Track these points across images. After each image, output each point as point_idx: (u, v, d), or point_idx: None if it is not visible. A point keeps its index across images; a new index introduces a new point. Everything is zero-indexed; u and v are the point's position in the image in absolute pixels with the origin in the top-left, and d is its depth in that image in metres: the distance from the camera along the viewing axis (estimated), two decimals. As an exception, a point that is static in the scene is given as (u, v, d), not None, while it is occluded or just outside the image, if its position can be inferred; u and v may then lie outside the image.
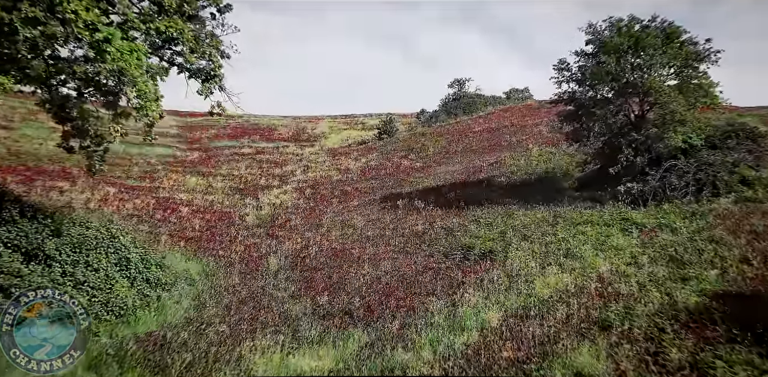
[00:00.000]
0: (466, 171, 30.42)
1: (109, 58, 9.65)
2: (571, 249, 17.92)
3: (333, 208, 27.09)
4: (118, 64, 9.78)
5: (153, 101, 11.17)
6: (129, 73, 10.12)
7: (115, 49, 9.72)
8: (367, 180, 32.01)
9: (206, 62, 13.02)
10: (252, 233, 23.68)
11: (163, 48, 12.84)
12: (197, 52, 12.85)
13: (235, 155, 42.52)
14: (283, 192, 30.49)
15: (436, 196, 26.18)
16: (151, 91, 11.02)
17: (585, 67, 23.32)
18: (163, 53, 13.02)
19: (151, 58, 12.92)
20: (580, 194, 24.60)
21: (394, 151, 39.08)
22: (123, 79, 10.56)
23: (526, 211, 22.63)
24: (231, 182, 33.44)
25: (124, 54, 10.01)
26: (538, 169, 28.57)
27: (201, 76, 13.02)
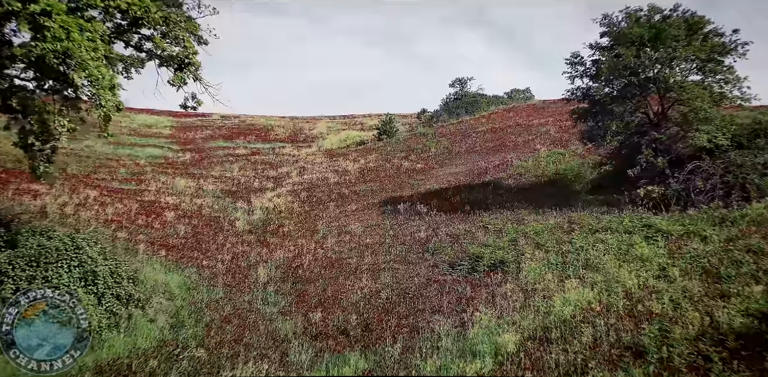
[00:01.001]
0: (471, 173, 28.60)
1: (49, 36, 7.84)
2: (590, 260, 16.10)
3: (329, 212, 25.26)
4: (62, 44, 7.97)
5: (107, 88, 9.34)
6: (76, 56, 8.30)
7: (59, 25, 7.91)
8: (365, 182, 30.18)
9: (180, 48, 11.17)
10: (241, 240, 21.84)
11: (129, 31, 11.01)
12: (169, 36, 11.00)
13: (229, 156, 40.70)
14: (277, 195, 28.65)
15: (439, 199, 24.35)
16: (105, 78, 9.20)
17: (600, 61, 21.51)
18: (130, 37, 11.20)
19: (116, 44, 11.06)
20: (594, 198, 22.79)
21: (394, 152, 37.27)
22: (69, 62, 8.74)
23: (537, 216, 20.83)
24: (223, 185, 31.60)
25: (72, 32, 8.19)
26: (547, 171, 26.74)
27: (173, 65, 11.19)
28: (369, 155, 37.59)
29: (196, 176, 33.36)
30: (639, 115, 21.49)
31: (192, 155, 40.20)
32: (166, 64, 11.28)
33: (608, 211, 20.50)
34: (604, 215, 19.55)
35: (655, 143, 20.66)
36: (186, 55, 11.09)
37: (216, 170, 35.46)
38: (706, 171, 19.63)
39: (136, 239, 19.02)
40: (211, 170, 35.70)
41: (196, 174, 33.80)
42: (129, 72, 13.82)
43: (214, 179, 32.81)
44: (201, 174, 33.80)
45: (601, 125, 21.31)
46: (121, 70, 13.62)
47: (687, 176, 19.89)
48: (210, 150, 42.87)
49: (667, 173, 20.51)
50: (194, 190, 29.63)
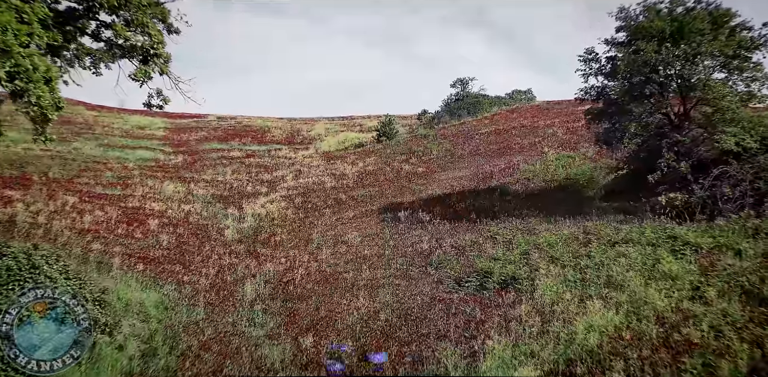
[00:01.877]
0: (475, 177, 26.87)
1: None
2: (613, 277, 14.37)
3: (325, 220, 23.53)
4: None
5: (40, 82, 7.62)
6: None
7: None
8: (364, 187, 28.45)
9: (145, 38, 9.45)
10: (229, 250, 20.11)
11: (85, 17, 9.29)
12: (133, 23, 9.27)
13: (223, 158, 38.98)
14: (271, 201, 26.92)
15: (442, 206, 22.62)
16: (40, 69, 7.49)
17: (617, 58, 19.79)
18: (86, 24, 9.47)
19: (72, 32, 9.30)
20: (608, 205, 21.07)
21: (394, 154, 35.53)
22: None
23: (549, 225, 19.12)
24: (214, 189, 29.86)
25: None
26: (557, 175, 25.00)
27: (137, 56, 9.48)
28: (368, 158, 35.87)
29: (187, 179, 31.63)
30: (658, 116, 19.77)
31: (184, 158, 38.51)
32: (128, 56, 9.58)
33: (626, 220, 18.81)
34: (623, 225, 17.81)
35: (676, 146, 18.94)
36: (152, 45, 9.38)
37: (208, 174, 33.74)
38: (734, 177, 17.90)
39: (112, 252, 17.28)
40: (204, 173, 33.98)
41: (187, 178, 32.08)
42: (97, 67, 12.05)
43: (205, 183, 31.09)
44: (192, 178, 32.08)
45: (618, 127, 19.56)
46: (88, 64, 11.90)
47: (713, 182, 18.16)
48: (203, 152, 41.16)
49: (689, 178, 18.80)
50: (183, 195, 27.90)
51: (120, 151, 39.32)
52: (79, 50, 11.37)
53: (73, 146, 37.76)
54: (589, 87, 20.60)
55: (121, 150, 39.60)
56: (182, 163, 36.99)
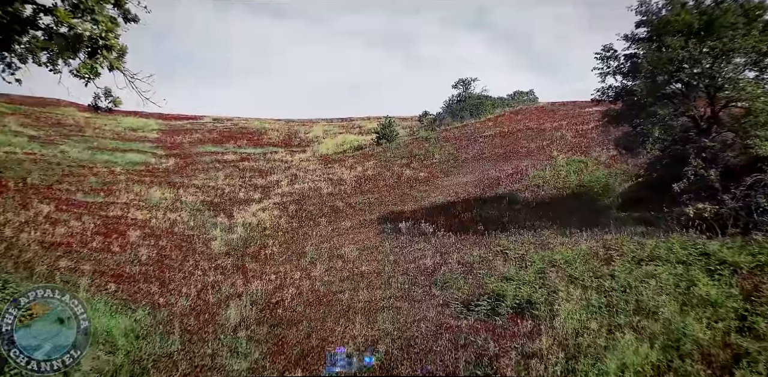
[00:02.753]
0: (481, 184, 25.07)
1: None
2: (643, 301, 12.60)
3: (320, 230, 21.72)
4: None
5: None
6: None
7: None
8: (362, 194, 26.65)
9: (93, 26, 7.66)
10: (215, 265, 18.31)
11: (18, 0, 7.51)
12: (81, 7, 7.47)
13: (216, 162, 37.21)
14: (263, 209, 25.13)
15: (447, 216, 20.82)
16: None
17: (638, 55, 18.02)
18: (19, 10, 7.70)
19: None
20: (627, 215, 19.28)
21: (395, 158, 33.74)
22: None
23: (564, 238, 17.32)
24: (204, 196, 28.07)
25: None
26: (569, 182, 23.19)
27: (82, 47, 7.70)
28: (367, 162, 34.08)
29: (177, 185, 29.85)
30: (683, 118, 17.97)
31: (176, 161, 36.74)
32: (71, 48, 7.80)
33: (648, 232, 17.04)
34: (646, 240, 16.02)
35: (704, 152, 17.15)
36: (100, 34, 7.62)
37: (200, 179, 31.96)
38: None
39: (82, 270, 15.47)
40: (195, 178, 32.21)
41: (177, 183, 30.30)
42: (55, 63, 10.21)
43: (195, 189, 29.30)
44: (182, 183, 30.30)
45: (641, 130, 17.75)
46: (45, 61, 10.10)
47: (746, 191, 16.38)
48: (196, 156, 39.40)
49: (717, 187, 17.02)
50: (171, 202, 26.11)
51: (109, 154, 37.57)
52: (32, 44, 9.61)
53: (60, 149, 36.02)
54: (606, 87, 18.81)
55: (110, 153, 37.86)
56: (173, 167, 35.24)
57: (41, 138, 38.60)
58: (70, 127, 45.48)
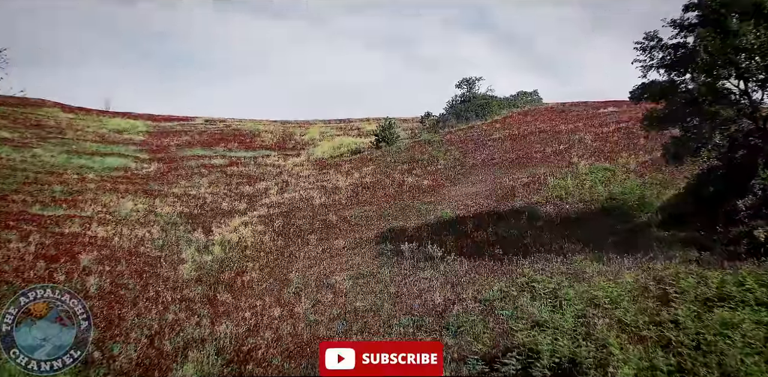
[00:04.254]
0: (494, 194, 21.77)
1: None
2: (726, 364, 9.33)
3: (309, 251, 18.44)
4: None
5: None
6: None
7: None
8: (359, 205, 23.37)
9: None
10: (180, 296, 15.04)
11: None
12: None
13: (203, 167, 33.95)
14: (247, 222, 21.86)
15: (456, 235, 17.55)
16: None
17: (686, 46, 14.75)
18: None
19: None
20: (671, 236, 16.05)
21: (395, 163, 30.46)
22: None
23: (601, 266, 14.10)
24: (183, 206, 24.82)
25: None
26: (596, 193, 19.90)
27: None
28: (365, 167, 30.80)
29: (154, 193, 26.60)
30: (746, 121, 14.69)
31: (158, 166, 33.50)
32: None
33: (702, 259, 13.83)
34: (706, 270, 12.74)
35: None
36: None
37: (181, 186, 28.70)
38: None
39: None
40: (176, 185, 28.95)
41: (155, 191, 27.05)
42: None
43: (174, 199, 26.05)
44: (160, 191, 27.04)
45: (694, 135, 14.46)
46: None
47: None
48: (182, 160, 36.13)
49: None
50: (143, 214, 22.85)
51: (87, 158, 34.34)
52: None
53: (32, 152, 32.80)
54: (648, 83, 15.51)
55: (89, 157, 34.62)
56: (154, 172, 31.98)
57: (15, 141, 35.34)
58: (50, 129, 42.13)
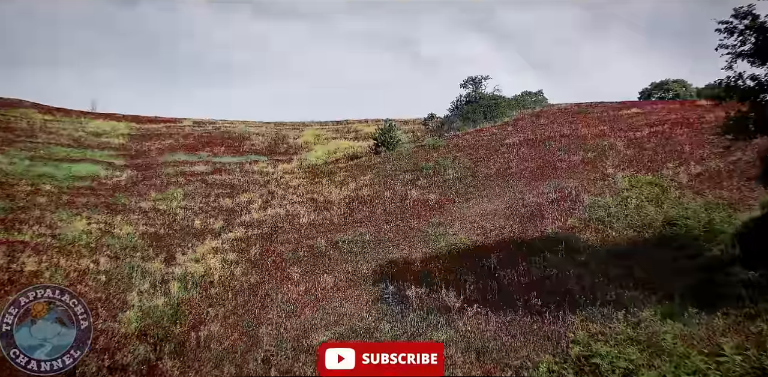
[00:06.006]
0: (516, 214, 17.68)
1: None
2: None
3: (289, 291, 14.36)
4: None
5: None
6: None
7: None
8: (354, 225, 19.31)
9: None
10: (110, 363, 10.96)
11: None
12: None
13: (182, 175, 29.79)
14: (215, 249, 17.79)
15: (477, 274, 13.47)
16: None
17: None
18: None
19: None
20: (761, 277, 11.97)
21: (396, 172, 26.38)
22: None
23: (681, 326, 10.05)
24: (148, 225, 20.74)
25: None
26: (646, 216, 15.78)
27: None
28: (362, 176, 26.72)
29: (117, 208, 22.52)
30: None
31: (132, 174, 29.35)
32: None
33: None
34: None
35: None
36: None
37: (152, 198, 24.57)
38: None
39: None
40: (146, 197, 24.81)
41: (119, 206, 22.97)
42: None
43: (140, 214, 21.98)
44: (125, 206, 22.95)
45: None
46: None
47: None
48: (160, 166, 31.95)
49: None
50: (97, 237, 18.77)
51: (54, 165, 30.18)
52: None
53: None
54: (734, 76, 11.43)
55: (56, 164, 30.46)
56: (126, 181, 27.85)
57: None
58: (20, 131, 37.93)
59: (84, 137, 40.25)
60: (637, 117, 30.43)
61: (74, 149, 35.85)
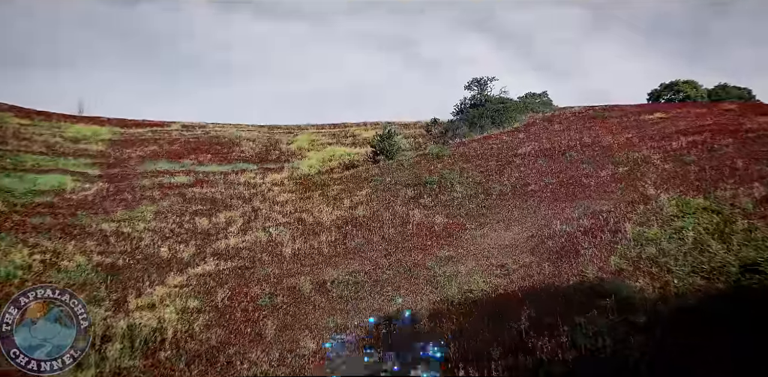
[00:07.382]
0: (542, 247, 14.30)
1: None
2: None
3: (259, 360, 11.00)
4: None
5: None
6: None
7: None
8: (347, 256, 15.95)
9: None
10: None
11: None
12: None
13: (159, 187, 26.47)
14: (182, 287, 14.46)
15: (502, 342, 10.10)
16: None
17: None
18: None
19: None
20: None
21: (397, 186, 23.04)
22: None
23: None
24: (104, 254, 17.41)
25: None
26: (710, 256, 12.39)
27: None
28: (359, 191, 23.38)
29: (74, 232, 19.20)
30: None
31: (102, 187, 25.97)
32: None
33: None
34: None
35: None
36: None
37: (118, 217, 21.25)
38: None
39: None
40: (112, 216, 21.49)
41: (76, 227, 19.65)
42: None
43: (98, 240, 18.66)
44: (84, 227, 19.62)
45: None
46: None
47: None
48: (137, 177, 28.55)
49: None
50: (37, 271, 15.45)
51: (17, 176, 26.76)
52: None
53: (-58, 171, 25.53)
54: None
55: (19, 175, 27.02)
56: (94, 196, 24.48)
57: None
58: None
59: (60, 143, 36.66)
60: (663, 123, 27.04)
61: (46, 157, 32.32)
